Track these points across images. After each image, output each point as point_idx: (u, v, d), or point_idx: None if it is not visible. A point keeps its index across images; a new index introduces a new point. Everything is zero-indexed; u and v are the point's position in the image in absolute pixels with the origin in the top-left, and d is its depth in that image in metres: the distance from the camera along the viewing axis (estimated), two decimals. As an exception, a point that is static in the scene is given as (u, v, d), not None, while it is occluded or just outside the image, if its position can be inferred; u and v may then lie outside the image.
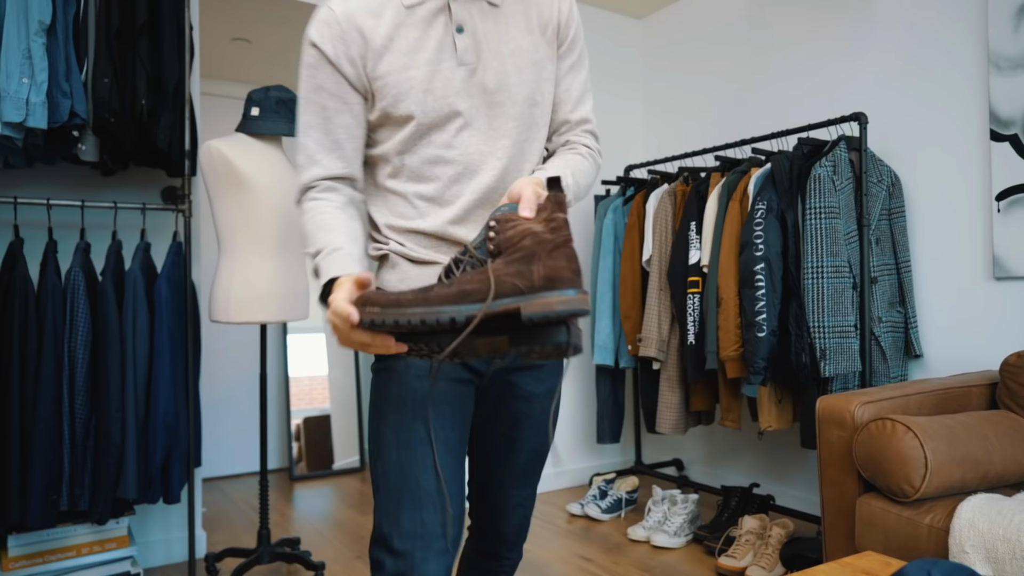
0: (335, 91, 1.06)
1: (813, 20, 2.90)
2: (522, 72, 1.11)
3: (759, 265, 2.43)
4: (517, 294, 0.79)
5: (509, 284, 0.79)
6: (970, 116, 2.37)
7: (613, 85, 3.74)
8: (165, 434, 2.16)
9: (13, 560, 2.07)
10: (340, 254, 0.99)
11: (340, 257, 0.98)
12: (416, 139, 1.06)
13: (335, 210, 1.07)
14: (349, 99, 1.07)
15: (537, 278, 0.79)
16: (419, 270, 1.11)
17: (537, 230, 0.84)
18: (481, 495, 1.23)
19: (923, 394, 1.91)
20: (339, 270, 0.96)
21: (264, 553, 2.38)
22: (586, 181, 1.15)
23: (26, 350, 2.00)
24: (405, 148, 1.07)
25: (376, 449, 1.07)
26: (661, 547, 2.59)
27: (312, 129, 1.08)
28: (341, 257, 0.99)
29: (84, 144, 2.03)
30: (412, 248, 1.11)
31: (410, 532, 1.01)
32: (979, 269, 2.35)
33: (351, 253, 1.00)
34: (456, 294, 0.80)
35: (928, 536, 1.60)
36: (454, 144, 1.06)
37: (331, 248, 1.00)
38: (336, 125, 1.07)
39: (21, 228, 2.30)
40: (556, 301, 0.76)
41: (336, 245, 1.00)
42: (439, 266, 1.10)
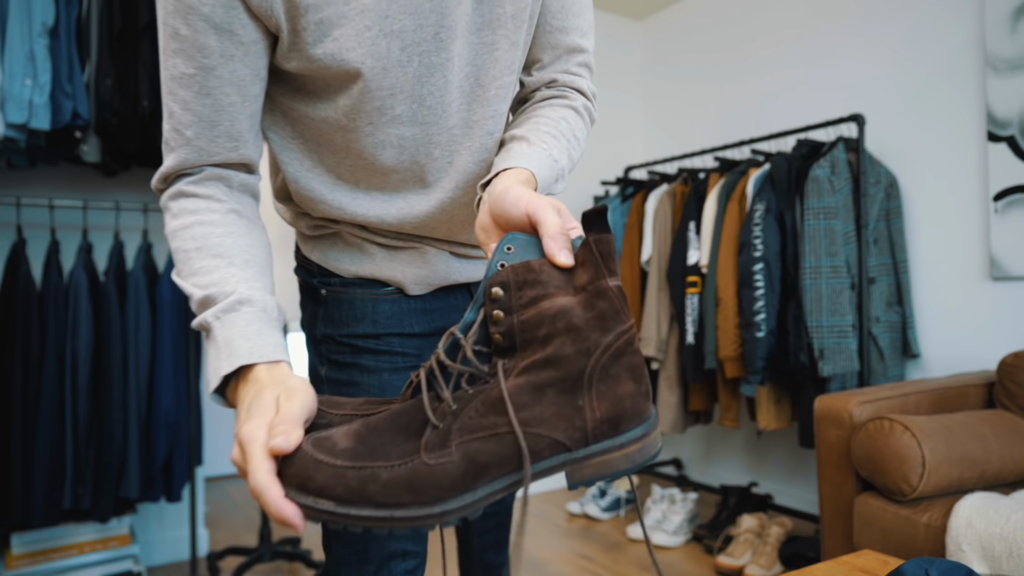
0: (221, 21, 0.67)
1: (811, 22, 2.91)
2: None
3: (758, 265, 2.44)
4: (561, 451, 0.52)
5: (547, 442, 0.52)
6: (967, 117, 2.38)
7: (613, 86, 3.75)
8: (167, 433, 2.18)
9: (16, 558, 2.08)
10: (248, 314, 0.64)
11: (248, 320, 0.63)
12: None
13: (224, 218, 0.71)
14: (244, 36, 0.68)
15: (592, 423, 0.52)
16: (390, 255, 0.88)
17: (578, 317, 0.53)
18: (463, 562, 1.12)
19: (921, 394, 1.92)
20: (251, 353, 0.60)
21: (265, 552, 2.39)
22: (580, 152, 0.85)
23: (29, 350, 2.01)
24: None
25: None
26: (660, 546, 2.61)
27: (180, 86, 0.68)
28: (250, 320, 0.63)
29: (86, 145, 2.04)
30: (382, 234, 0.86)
31: None
32: (976, 269, 2.36)
33: (266, 307, 0.65)
34: (463, 475, 0.51)
35: (926, 535, 1.61)
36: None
37: (229, 297, 0.64)
38: (223, 80, 0.69)
39: (24, 229, 2.31)
40: (619, 457, 0.53)
41: (238, 293, 0.64)
42: (416, 251, 0.87)
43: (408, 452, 0.51)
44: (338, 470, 0.50)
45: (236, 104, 0.70)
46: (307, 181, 0.82)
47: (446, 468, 0.50)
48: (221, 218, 0.70)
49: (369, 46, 0.70)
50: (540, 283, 0.53)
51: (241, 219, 0.72)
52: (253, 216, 0.75)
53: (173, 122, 0.70)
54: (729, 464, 3.28)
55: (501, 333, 0.53)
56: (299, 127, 0.80)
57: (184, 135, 0.70)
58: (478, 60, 0.77)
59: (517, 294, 0.53)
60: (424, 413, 0.53)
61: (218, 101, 0.69)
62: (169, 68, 0.68)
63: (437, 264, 0.89)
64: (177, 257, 0.69)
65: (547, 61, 0.86)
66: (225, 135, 0.71)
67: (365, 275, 0.88)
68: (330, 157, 0.80)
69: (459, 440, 0.51)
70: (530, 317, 0.53)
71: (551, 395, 0.52)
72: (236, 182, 0.74)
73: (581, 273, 0.54)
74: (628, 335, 0.53)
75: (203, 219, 0.70)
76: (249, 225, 0.73)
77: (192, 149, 0.70)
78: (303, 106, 0.77)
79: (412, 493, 0.50)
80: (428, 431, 0.52)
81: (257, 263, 0.69)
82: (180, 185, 0.72)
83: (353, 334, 0.89)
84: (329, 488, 0.49)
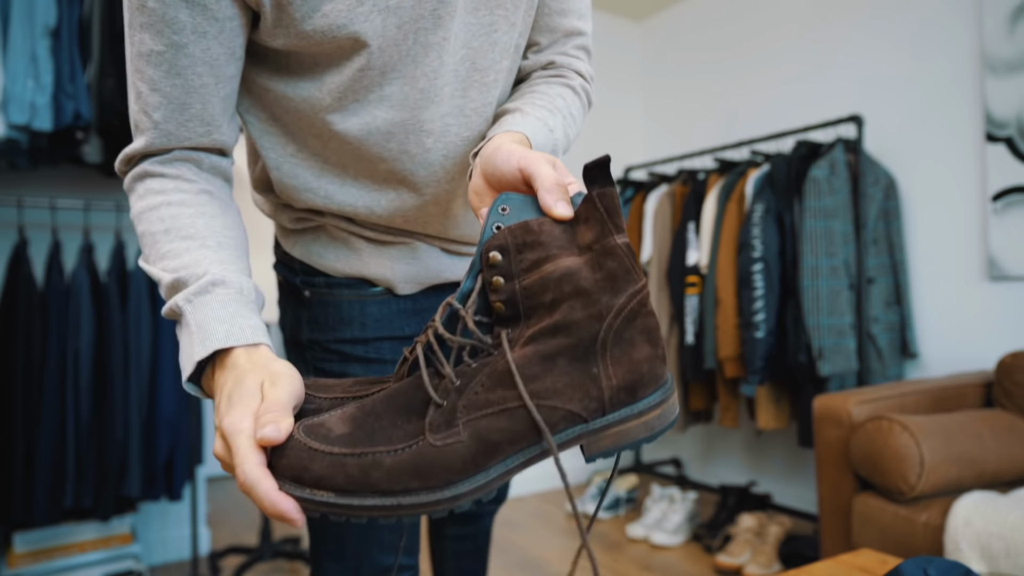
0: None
1: (810, 23, 2.92)
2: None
3: (757, 266, 2.45)
4: (577, 423, 0.49)
5: (562, 414, 0.48)
6: (966, 118, 2.39)
7: (612, 86, 3.76)
8: (168, 432, 2.18)
9: (18, 557, 2.08)
10: (222, 295, 0.59)
11: (223, 302, 0.58)
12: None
13: (195, 198, 0.66)
14: (219, 12, 0.63)
15: (609, 391, 0.49)
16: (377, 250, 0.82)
17: (586, 279, 0.49)
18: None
19: (919, 393, 1.93)
20: (227, 336, 0.56)
21: (266, 551, 2.39)
22: (576, 131, 0.81)
23: (31, 350, 2.02)
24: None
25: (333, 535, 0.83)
26: (660, 545, 2.61)
27: (147, 64, 0.63)
28: (225, 302, 0.58)
29: (88, 146, 2.05)
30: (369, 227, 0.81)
31: None
32: (975, 270, 2.37)
33: (242, 289, 0.60)
34: (474, 455, 0.47)
35: (924, 534, 1.62)
36: None
37: (201, 279, 0.59)
38: (195, 59, 0.63)
39: (26, 229, 2.31)
40: (638, 425, 0.49)
41: (211, 275, 0.59)
42: (406, 246, 0.82)
43: (411, 434, 0.47)
44: (336, 458, 0.45)
45: (208, 85, 0.65)
46: (290, 167, 0.77)
47: (455, 449, 0.46)
48: (191, 198, 0.65)
49: (362, 22, 0.65)
50: (541, 244, 0.49)
51: (213, 200, 0.67)
52: (226, 198, 0.69)
53: (140, 103, 0.65)
54: (728, 463, 3.28)
55: (503, 301, 0.49)
56: (277, 110, 0.74)
57: (152, 117, 0.64)
58: (475, 42, 0.73)
59: (517, 258, 0.49)
60: (424, 391, 0.48)
61: (189, 82, 0.64)
62: (136, 44, 0.62)
63: (428, 260, 0.84)
64: (144, 241, 0.64)
65: (545, 44, 0.83)
66: (196, 119, 0.66)
67: (352, 272, 0.82)
68: (314, 141, 0.75)
69: (466, 418, 0.47)
70: (533, 282, 0.48)
71: (563, 364, 0.48)
72: (207, 163, 0.69)
73: (585, 231, 0.50)
74: (641, 295, 0.49)
75: (171, 199, 0.64)
76: (222, 206, 0.67)
77: (160, 133, 0.65)
78: (283, 86, 0.72)
79: (420, 478, 0.46)
80: (431, 410, 0.48)
81: (231, 245, 0.64)
82: (145, 165, 0.66)
83: (341, 339, 0.83)
84: (328, 478, 0.45)
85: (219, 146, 0.69)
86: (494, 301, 0.49)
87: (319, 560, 0.83)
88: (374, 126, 0.72)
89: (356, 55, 0.67)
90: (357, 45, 0.66)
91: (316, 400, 0.55)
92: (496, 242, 0.49)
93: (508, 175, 0.57)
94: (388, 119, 0.72)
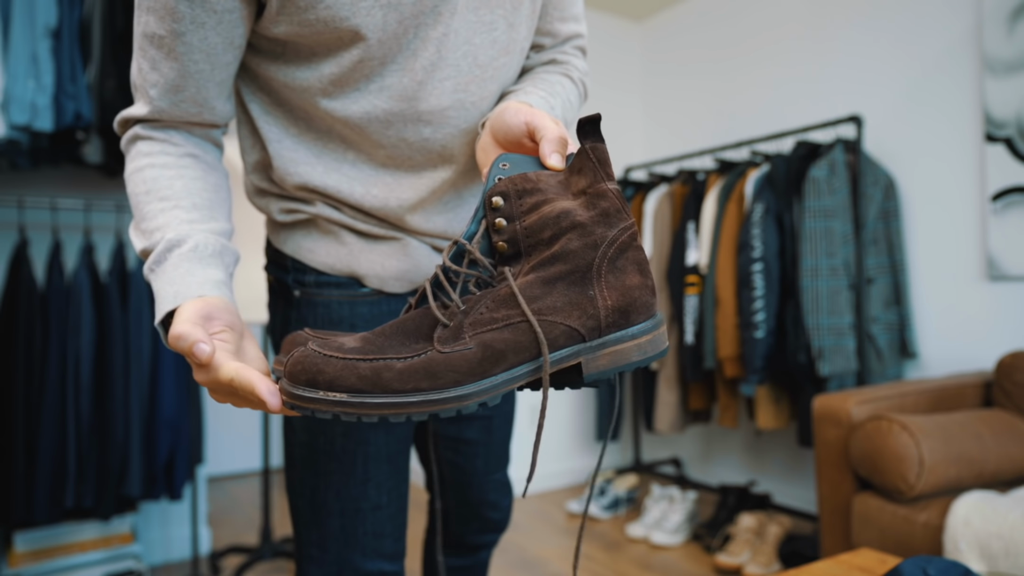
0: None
1: (810, 23, 2.92)
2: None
3: (756, 266, 2.45)
4: (576, 342, 0.53)
5: (562, 330, 0.52)
6: (965, 118, 2.39)
7: (612, 86, 3.76)
8: (169, 432, 2.18)
9: (19, 557, 2.09)
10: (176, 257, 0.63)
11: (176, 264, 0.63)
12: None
13: (179, 160, 0.70)
14: (217, 5, 0.66)
15: (604, 312, 0.53)
16: (368, 246, 0.82)
17: (581, 216, 0.54)
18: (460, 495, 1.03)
19: (918, 393, 1.93)
20: (176, 296, 0.61)
21: (267, 550, 2.40)
22: (573, 115, 0.86)
23: (32, 350, 2.02)
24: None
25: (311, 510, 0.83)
26: (659, 545, 2.62)
27: (149, 44, 0.67)
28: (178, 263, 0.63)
29: (89, 146, 2.05)
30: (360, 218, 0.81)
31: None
32: (974, 270, 2.37)
33: (197, 246, 0.64)
34: (480, 360, 0.50)
35: (923, 534, 1.62)
36: None
37: (159, 246, 0.64)
38: (192, 47, 0.67)
39: (26, 229, 2.32)
40: (632, 347, 0.53)
41: (166, 240, 0.64)
42: (397, 243, 0.82)
43: (420, 349, 0.51)
44: (349, 362, 0.49)
45: (204, 72, 0.69)
46: (292, 142, 0.79)
47: (463, 355, 0.50)
48: (175, 160, 0.69)
49: (364, 16, 0.67)
50: (539, 190, 0.54)
51: (198, 162, 0.71)
52: (212, 160, 0.73)
53: (141, 77, 0.69)
54: (728, 463, 3.29)
55: (505, 240, 0.54)
56: (280, 94, 0.77)
57: (148, 93, 0.69)
58: (476, 39, 0.75)
59: (517, 202, 0.54)
60: (432, 317, 0.53)
61: (185, 67, 0.67)
62: (141, 24, 0.67)
63: (419, 258, 0.84)
64: (131, 203, 0.68)
65: (548, 46, 0.89)
66: (189, 100, 0.70)
67: (342, 268, 0.82)
68: (317, 123, 0.77)
69: (472, 332, 0.51)
70: (533, 222, 0.53)
71: (561, 287, 0.53)
72: (198, 131, 0.73)
73: (579, 179, 0.55)
74: (632, 231, 0.54)
75: (155, 162, 0.69)
76: (206, 168, 0.71)
77: (154, 108, 0.70)
78: (280, 73, 0.74)
79: (429, 379, 0.49)
80: (439, 329, 0.52)
81: (206, 205, 0.68)
82: (138, 128, 0.71)
83: None
84: (341, 379, 0.49)
85: (210, 122, 0.73)
86: (496, 241, 0.54)
87: (301, 563, 0.84)
88: (373, 115, 0.74)
89: (354, 46, 0.69)
90: (356, 37, 0.68)
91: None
92: (498, 188, 0.54)
93: (515, 129, 0.62)
94: (387, 108, 0.74)
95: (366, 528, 0.83)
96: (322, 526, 0.83)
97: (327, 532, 0.82)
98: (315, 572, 0.83)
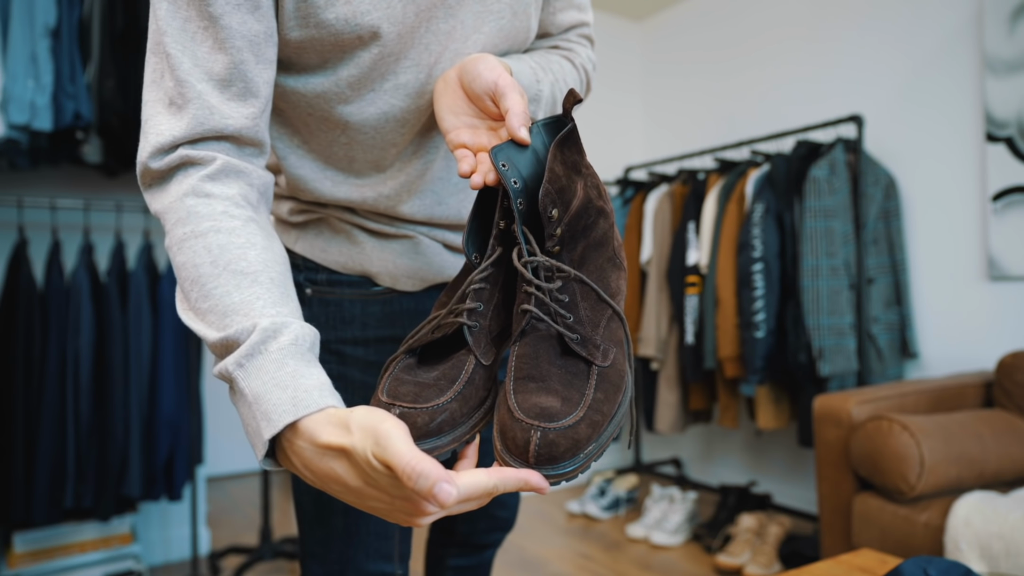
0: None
1: (810, 23, 2.92)
2: None
3: (757, 266, 2.45)
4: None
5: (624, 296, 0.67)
6: (966, 118, 2.39)
7: (613, 86, 3.76)
8: (168, 432, 2.18)
9: (18, 557, 2.08)
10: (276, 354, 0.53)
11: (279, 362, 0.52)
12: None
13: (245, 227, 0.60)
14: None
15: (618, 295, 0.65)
16: (380, 245, 0.81)
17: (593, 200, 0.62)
18: None
19: (919, 393, 1.93)
20: (294, 404, 0.50)
21: (266, 551, 2.40)
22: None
23: (31, 350, 2.02)
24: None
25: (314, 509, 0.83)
26: (659, 545, 2.61)
27: (187, 37, 0.60)
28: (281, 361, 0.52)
29: (88, 146, 2.05)
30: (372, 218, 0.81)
31: None
32: (975, 270, 2.37)
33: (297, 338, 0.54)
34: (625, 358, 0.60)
35: (924, 534, 1.62)
36: None
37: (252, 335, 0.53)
38: (232, 32, 0.61)
39: (26, 229, 2.32)
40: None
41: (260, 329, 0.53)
42: (409, 240, 0.82)
43: (582, 373, 0.58)
44: (579, 422, 0.53)
45: (249, 62, 0.62)
46: (297, 159, 0.77)
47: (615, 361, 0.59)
48: (242, 226, 0.59)
49: (384, 8, 0.66)
50: (565, 187, 0.60)
51: (261, 230, 0.61)
52: (270, 227, 0.64)
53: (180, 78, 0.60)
54: (728, 463, 3.28)
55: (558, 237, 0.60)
56: (283, 104, 0.74)
57: (196, 88, 0.60)
58: (485, 27, 0.74)
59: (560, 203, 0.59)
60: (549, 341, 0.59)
61: (230, 57, 0.61)
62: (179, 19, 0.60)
63: (431, 256, 0.83)
64: (183, 274, 0.57)
65: (553, 34, 0.89)
66: (243, 97, 0.62)
67: (355, 267, 0.81)
68: (322, 135, 0.75)
69: (599, 336, 0.59)
70: (571, 217, 0.60)
71: (608, 269, 0.63)
72: (256, 179, 0.64)
73: (570, 153, 0.61)
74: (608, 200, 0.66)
75: (221, 226, 0.58)
76: (268, 236, 0.61)
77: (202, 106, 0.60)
78: (292, 81, 0.70)
79: (615, 392, 0.57)
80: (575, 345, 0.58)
81: (281, 281, 0.58)
82: (194, 180, 0.60)
83: (342, 339, 0.82)
84: (590, 440, 0.54)
85: (259, 137, 0.65)
86: (553, 247, 0.60)
87: (305, 561, 0.84)
88: (390, 115, 0.73)
89: (373, 44, 0.67)
90: (374, 35, 0.67)
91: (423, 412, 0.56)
92: (550, 200, 0.59)
93: (484, 83, 0.63)
94: (403, 107, 0.73)
95: (369, 528, 0.82)
96: (326, 524, 0.82)
97: (331, 530, 0.82)
98: (318, 570, 0.82)
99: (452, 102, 0.68)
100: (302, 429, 0.50)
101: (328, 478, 0.49)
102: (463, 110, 0.67)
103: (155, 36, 0.61)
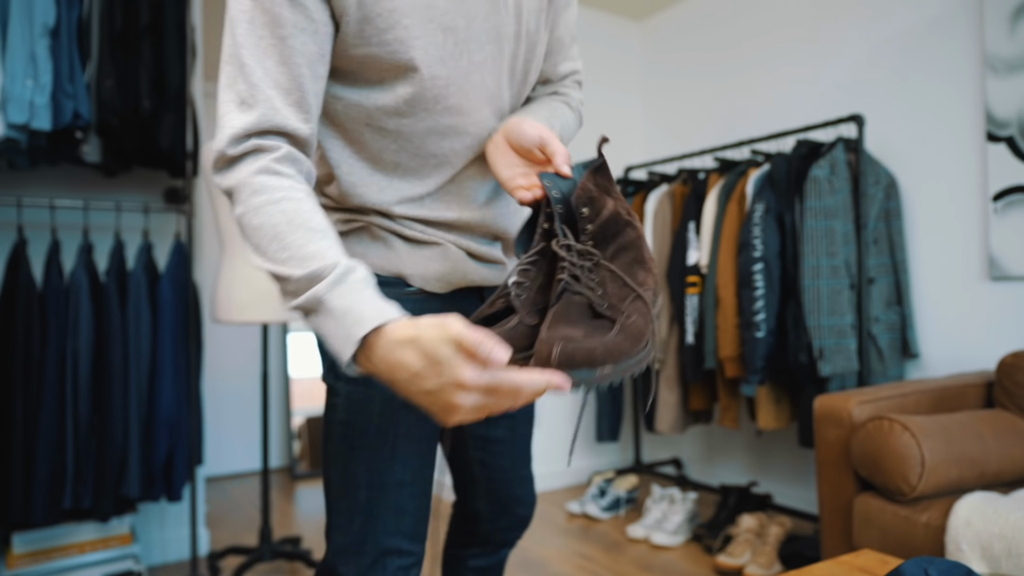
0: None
1: (811, 23, 2.92)
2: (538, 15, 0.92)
3: (757, 265, 2.45)
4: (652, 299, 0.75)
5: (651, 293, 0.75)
6: (966, 118, 2.39)
7: (612, 86, 3.75)
8: (168, 433, 2.18)
9: (17, 558, 2.08)
10: (360, 280, 0.69)
11: (362, 286, 0.69)
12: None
13: (309, 197, 0.75)
14: (315, 14, 0.75)
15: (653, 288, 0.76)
16: (413, 250, 0.92)
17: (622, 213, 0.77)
18: (490, 493, 1.11)
19: (920, 393, 1.93)
20: (379, 314, 0.66)
21: (266, 551, 2.39)
22: (569, 137, 1.02)
23: (30, 350, 2.02)
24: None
25: (341, 482, 0.90)
26: (660, 545, 2.61)
27: (260, 52, 0.74)
28: (363, 286, 0.69)
29: (87, 146, 2.04)
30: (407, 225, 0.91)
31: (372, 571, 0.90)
32: (976, 269, 2.37)
33: (367, 276, 0.71)
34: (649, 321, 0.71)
35: (925, 534, 1.62)
36: None
37: (336, 269, 0.69)
38: (295, 51, 0.75)
39: (25, 229, 2.31)
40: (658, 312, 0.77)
41: (342, 265, 0.69)
42: (438, 247, 0.93)
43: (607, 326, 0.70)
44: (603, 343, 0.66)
45: (305, 77, 0.75)
46: (349, 166, 0.89)
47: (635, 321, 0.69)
48: (307, 197, 0.74)
49: (431, 37, 0.80)
50: (595, 197, 0.75)
51: (317, 205, 0.76)
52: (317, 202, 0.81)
53: (251, 81, 0.73)
54: (729, 464, 3.28)
55: (590, 235, 0.74)
56: (340, 116, 0.86)
57: (265, 92, 0.73)
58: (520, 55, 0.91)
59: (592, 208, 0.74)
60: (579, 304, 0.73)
61: (292, 72, 0.74)
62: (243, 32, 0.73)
63: (456, 262, 0.93)
64: (261, 234, 0.71)
65: (553, 80, 1.05)
66: (299, 106, 0.76)
67: (391, 269, 0.91)
68: (373, 144, 0.87)
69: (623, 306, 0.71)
70: (603, 221, 0.74)
71: (636, 267, 0.74)
72: (306, 169, 0.78)
73: (602, 180, 0.77)
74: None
75: (291, 196, 0.72)
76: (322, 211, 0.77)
77: (269, 107, 0.73)
78: (355, 94, 0.84)
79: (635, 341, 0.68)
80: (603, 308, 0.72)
81: (339, 240, 0.75)
82: (265, 161, 0.73)
83: None
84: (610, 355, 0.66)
85: (309, 139, 0.78)
86: (585, 241, 0.75)
87: (329, 532, 0.91)
88: (436, 129, 0.86)
89: (419, 68, 0.80)
90: (423, 58, 0.80)
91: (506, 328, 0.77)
92: (581, 201, 0.75)
93: (530, 140, 0.82)
94: (448, 123, 0.86)
95: (388, 503, 0.89)
96: (350, 498, 0.89)
97: (354, 504, 0.89)
98: (340, 541, 0.89)
99: (504, 159, 0.86)
100: (384, 331, 0.64)
101: (397, 365, 0.63)
102: (514, 163, 0.85)
103: (231, 49, 0.74)
